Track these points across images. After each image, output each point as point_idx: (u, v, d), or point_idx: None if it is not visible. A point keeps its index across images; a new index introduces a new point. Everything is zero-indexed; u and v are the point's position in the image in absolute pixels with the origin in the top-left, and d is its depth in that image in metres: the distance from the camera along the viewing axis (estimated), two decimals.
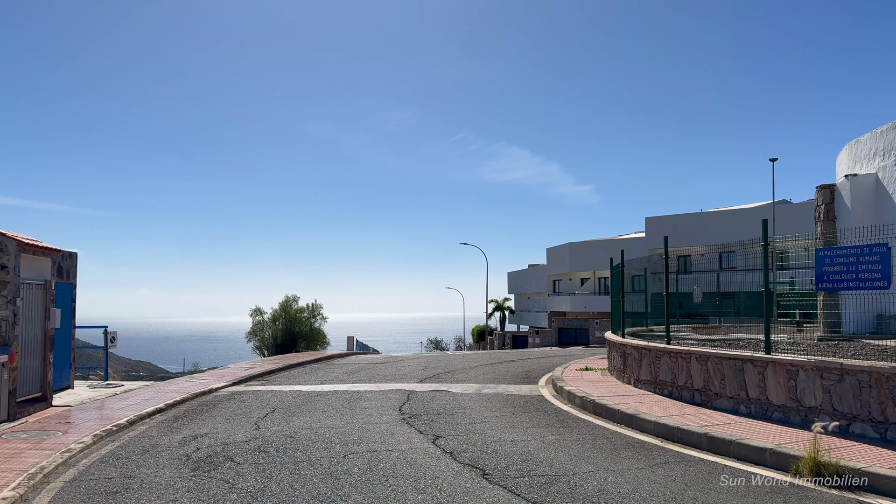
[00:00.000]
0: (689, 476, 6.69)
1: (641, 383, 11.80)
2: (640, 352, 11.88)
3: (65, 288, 13.00)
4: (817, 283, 8.74)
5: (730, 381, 9.36)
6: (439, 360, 22.44)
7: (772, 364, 8.67)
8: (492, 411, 10.77)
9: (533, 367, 18.22)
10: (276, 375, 17.47)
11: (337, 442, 8.53)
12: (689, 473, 6.79)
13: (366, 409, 11.14)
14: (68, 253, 13.13)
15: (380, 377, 16.37)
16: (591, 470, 6.94)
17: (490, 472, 6.92)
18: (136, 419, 10.53)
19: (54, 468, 7.46)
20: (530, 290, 62.94)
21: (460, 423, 9.68)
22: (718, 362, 9.59)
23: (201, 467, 7.39)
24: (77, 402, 12.10)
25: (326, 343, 36.00)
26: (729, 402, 9.37)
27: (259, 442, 8.65)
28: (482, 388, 13.67)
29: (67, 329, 13.24)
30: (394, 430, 9.24)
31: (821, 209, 14.40)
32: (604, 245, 51.23)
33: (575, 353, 25.26)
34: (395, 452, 7.87)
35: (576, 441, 8.39)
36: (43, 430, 9.53)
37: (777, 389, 8.57)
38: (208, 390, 13.91)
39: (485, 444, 8.21)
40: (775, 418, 8.60)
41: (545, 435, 8.79)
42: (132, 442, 8.97)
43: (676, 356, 10.60)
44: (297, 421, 10.17)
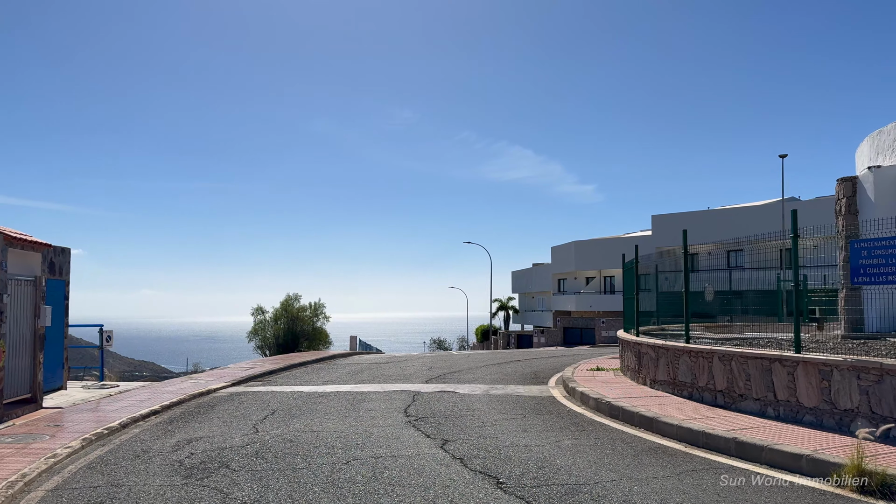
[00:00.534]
0: (720, 485, 6.17)
1: (658, 384, 11.27)
2: (657, 351, 11.35)
3: (57, 285, 12.51)
4: (853, 276, 8.20)
5: (756, 381, 8.83)
6: (444, 359, 21.93)
7: (803, 364, 8.13)
8: (502, 413, 10.26)
9: (541, 368, 17.70)
10: (276, 376, 16.97)
11: (339, 447, 8.02)
12: (720, 482, 6.27)
13: (370, 412, 10.63)
14: (60, 248, 12.64)
15: (384, 377, 15.87)
16: (613, 478, 6.41)
17: (504, 480, 6.40)
18: (129, 422, 10.05)
19: (37, 475, 6.97)
20: (535, 290, 62.39)
21: (469, 427, 9.16)
22: (743, 362, 9.05)
23: (194, 475, 6.89)
24: (69, 403, 11.61)
25: (329, 343, 35.50)
26: (755, 404, 8.83)
27: (257, 447, 8.15)
28: (490, 389, 13.15)
29: (60, 327, 12.76)
30: (399, 434, 8.73)
31: (842, 202, 13.83)
32: (609, 243, 50.68)
33: (582, 353, 24.72)
34: (402, 458, 7.36)
35: (594, 446, 7.86)
36: (30, 433, 9.04)
37: (809, 391, 8.04)
38: (206, 391, 13.42)
39: (497, 450, 7.69)
40: (806, 421, 8.06)
41: (560, 439, 8.27)
42: (123, 446, 8.48)
43: (697, 356, 10.06)
44: (297, 424, 9.67)
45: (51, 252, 12.06)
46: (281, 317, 34.46)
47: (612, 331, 44.54)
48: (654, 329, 14.42)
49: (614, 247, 49.34)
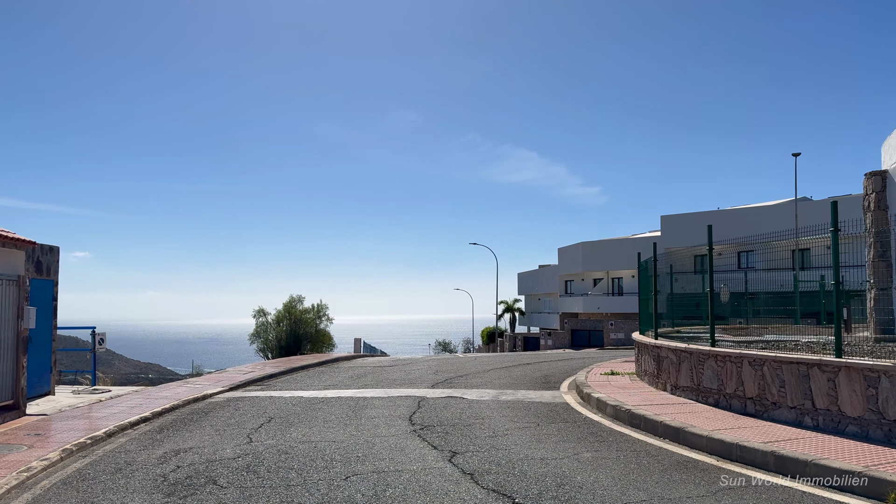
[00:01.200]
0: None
1: (680, 390, 10.57)
2: (679, 355, 10.65)
3: (44, 285, 11.90)
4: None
5: (791, 388, 8.13)
6: (450, 363, 21.25)
7: (845, 369, 7.43)
8: (513, 421, 9.57)
9: (551, 371, 17.00)
10: (276, 380, 16.33)
11: (338, 459, 7.36)
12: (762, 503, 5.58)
13: (372, 419, 9.97)
14: (48, 247, 12.02)
15: (388, 382, 15.20)
16: (643, 499, 5.73)
17: (521, 501, 5.72)
18: (115, 430, 9.41)
19: (5, 493, 6.33)
20: (541, 291, 61.60)
21: (479, 437, 8.48)
22: (777, 367, 8.35)
23: (177, 492, 6.24)
24: (54, 410, 10.99)
25: (333, 345, 34.87)
26: (790, 412, 8.13)
27: (249, 459, 7.49)
28: (499, 395, 12.47)
29: (47, 330, 12.13)
30: (404, 445, 8.06)
31: (871, 198, 13.10)
32: (617, 244, 49.90)
33: (592, 356, 23.99)
34: (406, 473, 6.69)
35: (616, 460, 7.18)
36: (7, 443, 8.41)
37: (852, 399, 7.33)
38: (202, 396, 12.79)
39: (510, 464, 7.01)
40: (850, 433, 7.36)
41: (579, 451, 7.59)
42: (105, 458, 7.84)
43: (724, 360, 9.36)
44: (294, 433, 9.01)
45: (37, 250, 11.45)
46: (283, 319, 33.78)
47: (620, 333, 43.76)
48: (670, 331, 13.73)
49: (622, 248, 48.56)
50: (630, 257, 48.77)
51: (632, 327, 42.43)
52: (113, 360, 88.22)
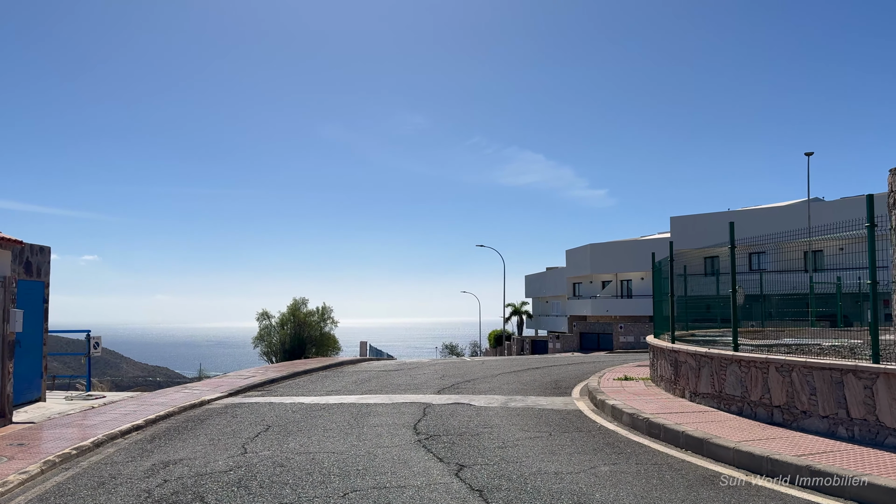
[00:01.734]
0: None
1: (700, 397, 10.00)
2: (699, 360, 10.09)
3: (34, 286, 11.45)
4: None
5: (823, 396, 7.56)
6: (457, 367, 20.71)
7: (884, 376, 6.87)
8: (524, 431, 9.04)
9: (562, 376, 16.44)
10: (278, 385, 15.84)
11: (337, 473, 6.84)
12: None
13: (375, 428, 9.45)
14: (39, 247, 11.58)
15: (392, 387, 14.69)
16: None
17: None
18: (104, 440, 8.92)
19: None
20: (549, 294, 60.94)
21: (488, 448, 7.95)
22: (807, 373, 7.78)
23: None
24: (43, 417, 10.52)
25: (338, 348, 34.40)
26: (822, 422, 7.57)
27: (241, 472, 6.98)
28: (509, 401, 11.93)
29: (38, 333, 11.68)
30: (408, 457, 7.53)
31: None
32: (626, 246, 49.26)
33: (603, 360, 23.40)
34: (409, 490, 6.17)
35: (636, 474, 6.63)
36: None
37: (892, 408, 6.77)
38: (199, 403, 12.30)
39: (522, 479, 6.48)
40: (889, 444, 6.80)
41: (596, 465, 7.04)
42: (89, 471, 7.35)
43: (749, 365, 8.79)
44: (292, 443, 8.50)
45: (25, 251, 11.00)
46: (287, 322, 33.33)
47: (630, 336, 43.07)
48: (684, 334, 13.17)
49: (631, 249, 47.92)
50: (639, 259, 48.25)
51: (641, 330, 41.74)
52: (121, 363, 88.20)
